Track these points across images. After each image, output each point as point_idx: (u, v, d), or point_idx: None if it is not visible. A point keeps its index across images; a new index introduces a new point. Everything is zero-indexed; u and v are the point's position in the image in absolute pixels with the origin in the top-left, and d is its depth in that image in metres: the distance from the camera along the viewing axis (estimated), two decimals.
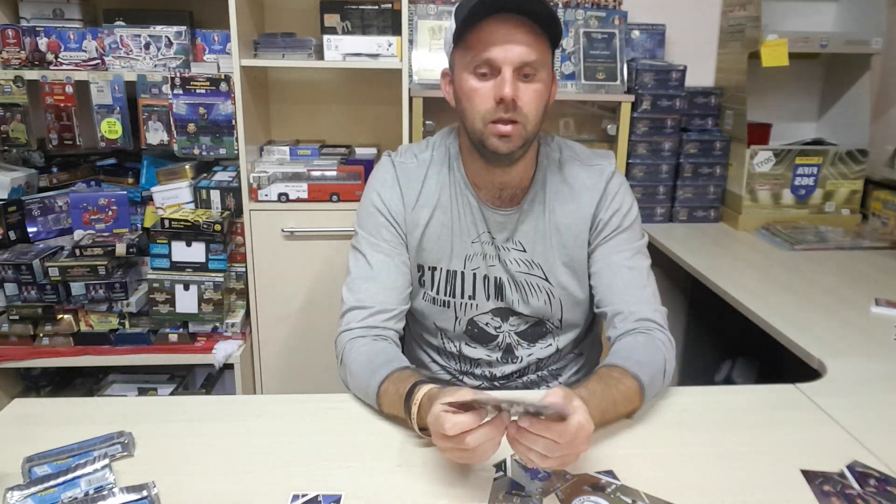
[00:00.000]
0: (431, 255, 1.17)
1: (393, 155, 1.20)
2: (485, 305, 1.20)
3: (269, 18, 2.15)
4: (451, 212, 1.15)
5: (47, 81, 1.85)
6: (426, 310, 1.22)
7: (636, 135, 2.16)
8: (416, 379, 0.94)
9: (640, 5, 2.27)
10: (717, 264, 1.79)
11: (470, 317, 1.21)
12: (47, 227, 1.94)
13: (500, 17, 0.98)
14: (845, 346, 1.28)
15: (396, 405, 0.95)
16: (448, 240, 1.16)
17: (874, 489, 0.83)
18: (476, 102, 1.02)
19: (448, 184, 1.15)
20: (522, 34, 0.99)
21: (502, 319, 1.22)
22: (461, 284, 1.18)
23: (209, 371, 2.21)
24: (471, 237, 1.16)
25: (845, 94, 2.27)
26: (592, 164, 1.17)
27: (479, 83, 1.02)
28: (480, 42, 1.00)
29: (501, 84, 0.99)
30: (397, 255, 1.15)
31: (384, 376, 0.98)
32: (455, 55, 1.06)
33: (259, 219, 1.94)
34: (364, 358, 1.04)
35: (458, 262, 1.17)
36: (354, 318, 1.10)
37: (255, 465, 0.88)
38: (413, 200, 1.15)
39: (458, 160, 1.16)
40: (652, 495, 0.82)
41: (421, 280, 1.20)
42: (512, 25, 0.98)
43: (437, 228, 1.16)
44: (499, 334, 1.23)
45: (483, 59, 1.00)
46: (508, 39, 0.98)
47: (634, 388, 0.96)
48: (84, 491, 0.80)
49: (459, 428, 0.77)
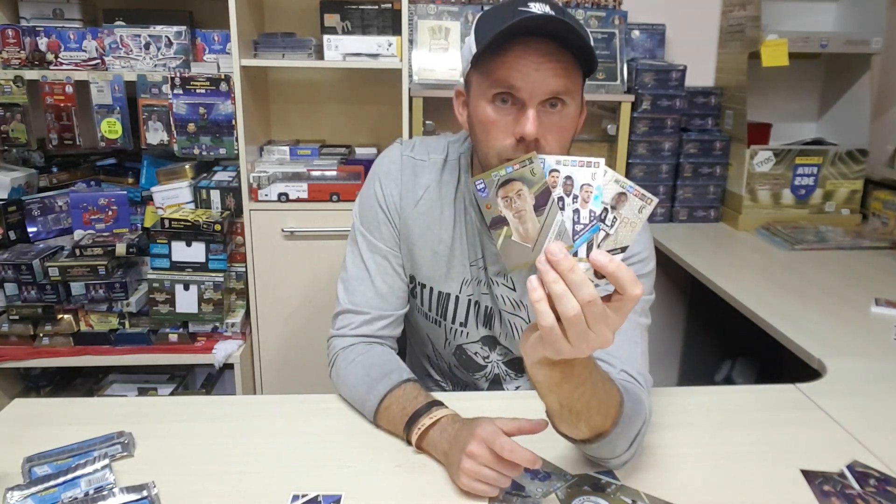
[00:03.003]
0: (423, 271, 1.09)
1: (404, 145, 1.10)
2: (475, 334, 1.13)
3: (269, 18, 2.15)
4: (453, 230, 1.06)
5: (47, 81, 1.85)
6: (418, 322, 1.18)
7: (636, 135, 2.16)
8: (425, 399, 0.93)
9: (640, 5, 2.27)
10: (717, 264, 1.79)
11: (459, 343, 1.15)
12: (47, 227, 1.94)
13: (528, 41, 0.85)
14: (845, 346, 1.28)
15: (398, 421, 0.93)
16: (444, 260, 1.07)
17: (874, 489, 0.83)
18: (492, 136, 0.90)
19: (453, 199, 1.06)
20: (552, 62, 0.85)
21: (490, 349, 1.15)
22: (453, 309, 1.11)
23: (209, 371, 2.21)
24: (469, 259, 1.07)
25: (845, 94, 2.27)
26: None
27: (497, 114, 0.89)
28: (503, 66, 0.86)
29: (524, 121, 0.86)
30: (394, 258, 1.09)
31: (384, 393, 0.96)
32: (472, 76, 0.93)
33: (259, 219, 1.94)
34: (360, 369, 1.01)
35: (455, 285, 1.09)
36: (349, 322, 1.07)
37: (255, 465, 0.88)
38: (412, 203, 1.06)
39: (468, 174, 1.06)
40: (652, 495, 0.82)
41: (413, 291, 1.13)
42: (541, 52, 0.85)
43: (434, 245, 1.07)
44: (487, 364, 1.17)
45: (504, 86, 0.87)
46: (535, 67, 0.85)
47: (617, 400, 0.80)
48: (84, 491, 0.80)
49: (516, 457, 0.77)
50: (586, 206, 0.64)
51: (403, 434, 0.92)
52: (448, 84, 2.03)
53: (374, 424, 0.98)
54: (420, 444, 0.90)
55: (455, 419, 0.89)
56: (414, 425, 0.90)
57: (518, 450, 0.77)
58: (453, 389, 1.25)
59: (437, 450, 0.88)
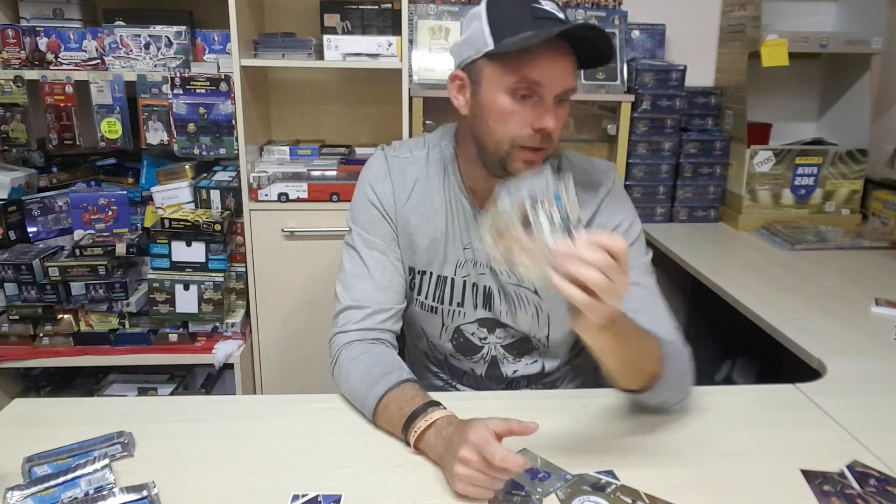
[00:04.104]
0: (422, 258, 1.14)
1: (386, 149, 1.17)
2: (472, 314, 1.16)
3: (269, 18, 2.15)
4: (445, 216, 1.12)
5: (47, 81, 1.85)
6: (416, 315, 1.20)
7: (636, 135, 2.16)
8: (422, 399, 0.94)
9: (640, 5, 2.27)
10: (717, 264, 1.79)
11: (457, 325, 1.17)
12: (47, 227, 1.94)
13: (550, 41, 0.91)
14: (845, 346, 1.28)
15: (396, 421, 0.93)
16: (441, 245, 1.13)
17: (874, 489, 0.83)
18: (509, 124, 0.96)
19: (442, 187, 1.12)
20: (566, 61, 0.94)
21: (489, 331, 1.18)
22: (450, 291, 1.15)
23: (209, 371, 2.21)
24: (463, 243, 1.13)
25: (845, 94, 2.27)
26: (591, 177, 1.12)
27: (516, 105, 0.95)
28: (530, 64, 0.93)
29: (544, 114, 0.94)
30: (392, 253, 1.12)
31: (382, 392, 0.96)
32: (486, 66, 0.97)
33: (259, 219, 1.94)
34: (361, 367, 1.02)
35: (450, 267, 1.14)
36: (350, 318, 1.09)
37: (255, 465, 0.88)
38: (404, 198, 1.12)
39: (454, 163, 1.12)
40: (652, 495, 0.82)
41: (411, 283, 1.17)
42: (561, 52, 0.93)
43: (430, 232, 1.12)
44: (484, 345, 1.19)
45: (529, 83, 0.93)
46: (557, 67, 0.93)
47: (656, 343, 0.92)
48: (84, 491, 0.80)
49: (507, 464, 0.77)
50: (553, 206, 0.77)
51: (402, 434, 0.93)
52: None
53: (373, 423, 0.98)
54: (417, 445, 0.90)
55: (450, 421, 0.89)
56: (411, 427, 0.91)
57: (508, 456, 0.78)
58: (451, 379, 1.26)
59: (433, 452, 0.89)
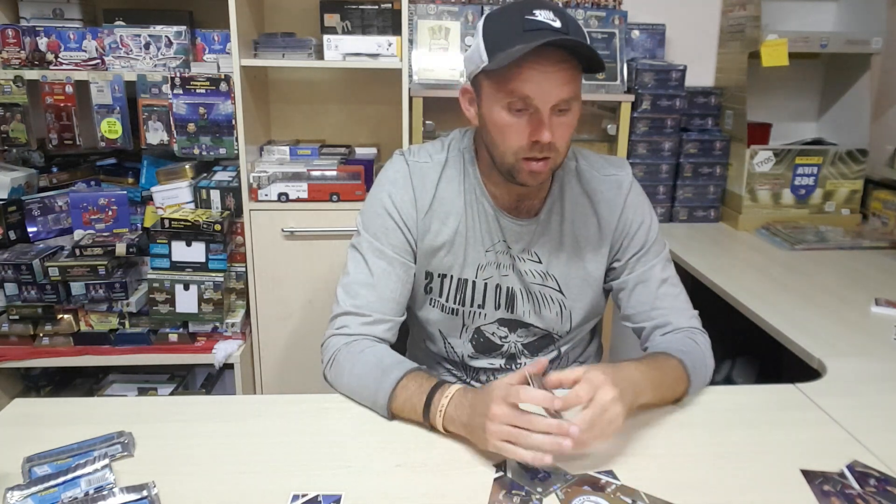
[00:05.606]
0: (443, 262, 1.14)
1: (407, 153, 1.15)
2: (492, 315, 1.17)
3: (269, 18, 2.15)
4: (466, 219, 1.11)
5: (47, 81, 1.85)
6: (433, 317, 1.19)
7: (636, 134, 2.16)
8: (438, 379, 0.96)
9: (640, 5, 2.27)
10: (717, 264, 1.79)
11: (477, 325, 1.19)
12: (47, 227, 1.94)
13: (540, 52, 0.91)
14: (845, 346, 1.28)
15: (415, 399, 0.94)
16: (462, 248, 1.12)
17: (874, 489, 0.83)
18: (509, 138, 0.98)
19: (463, 190, 1.11)
20: (561, 70, 0.93)
21: (510, 330, 1.19)
22: (471, 293, 1.15)
23: (209, 371, 2.21)
24: (485, 246, 1.13)
25: (845, 94, 2.27)
26: (609, 174, 1.14)
27: (513, 118, 0.97)
28: (518, 78, 0.93)
29: (539, 126, 0.95)
30: (400, 264, 1.11)
31: (401, 375, 0.97)
32: (483, 81, 1.00)
33: (259, 219, 1.94)
34: (372, 358, 1.03)
35: (471, 270, 1.14)
36: (350, 323, 1.08)
37: (255, 465, 0.88)
38: (426, 205, 1.11)
39: (474, 166, 1.11)
40: (652, 495, 0.82)
41: (427, 287, 1.17)
42: (552, 61, 0.92)
43: (451, 236, 1.12)
44: (504, 343, 1.20)
45: (519, 97, 0.94)
46: (547, 78, 0.93)
47: (679, 368, 1.00)
48: (84, 491, 0.80)
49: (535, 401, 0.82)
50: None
51: (421, 411, 0.93)
52: (448, 84, 2.02)
53: (385, 408, 0.97)
54: (441, 421, 0.91)
55: (466, 390, 0.92)
56: (433, 406, 0.92)
57: (533, 392, 0.83)
58: (465, 376, 1.27)
59: (455, 424, 0.90)
